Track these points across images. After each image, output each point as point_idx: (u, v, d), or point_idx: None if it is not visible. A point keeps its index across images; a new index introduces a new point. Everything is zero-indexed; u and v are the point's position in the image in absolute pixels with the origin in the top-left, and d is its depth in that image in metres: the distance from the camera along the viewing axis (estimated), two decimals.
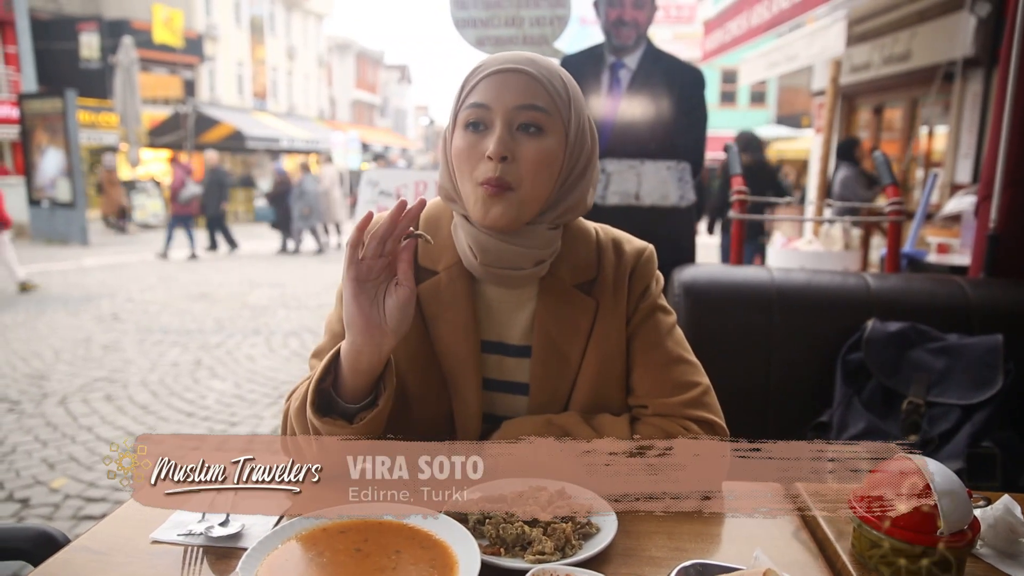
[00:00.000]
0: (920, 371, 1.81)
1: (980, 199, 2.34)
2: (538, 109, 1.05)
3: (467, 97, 1.07)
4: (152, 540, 0.93)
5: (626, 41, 2.95)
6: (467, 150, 1.06)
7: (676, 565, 0.82)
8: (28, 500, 3.12)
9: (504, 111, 1.04)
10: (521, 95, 1.04)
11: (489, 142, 1.04)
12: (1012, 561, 0.93)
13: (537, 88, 1.05)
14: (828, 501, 1.06)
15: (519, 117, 1.04)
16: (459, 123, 1.08)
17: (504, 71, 1.05)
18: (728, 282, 2.02)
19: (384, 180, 2.93)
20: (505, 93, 1.04)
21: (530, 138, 1.05)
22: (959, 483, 0.88)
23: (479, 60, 1.12)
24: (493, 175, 1.03)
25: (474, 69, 1.10)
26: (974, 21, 6.35)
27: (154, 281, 9.45)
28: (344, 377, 1.02)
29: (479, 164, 1.05)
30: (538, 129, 1.05)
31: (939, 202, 6.38)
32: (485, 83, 1.06)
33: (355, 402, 1.02)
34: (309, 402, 1.00)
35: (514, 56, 1.08)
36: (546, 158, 1.06)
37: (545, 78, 1.06)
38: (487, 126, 1.05)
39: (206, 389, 4.80)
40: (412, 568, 0.84)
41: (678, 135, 2.96)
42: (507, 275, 1.11)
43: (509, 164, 1.03)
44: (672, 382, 1.14)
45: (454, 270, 1.14)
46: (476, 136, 1.05)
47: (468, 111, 1.06)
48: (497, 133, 1.03)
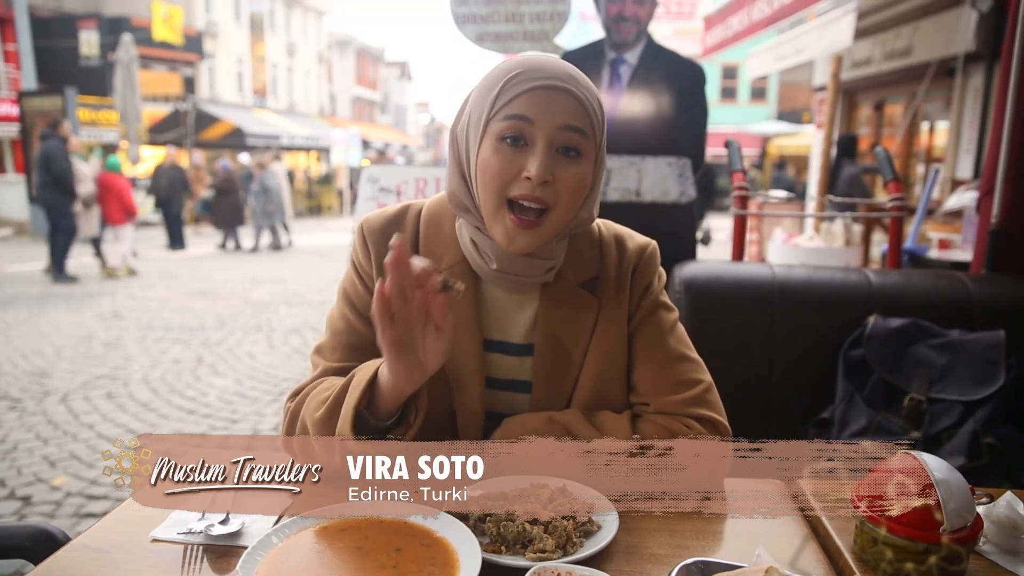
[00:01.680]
0: (922, 367, 1.81)
1: (982, 194, 2.33)
2: (580, 132, 1.02)
3: (505, 106, 1.01)
4: (152, 538, 0.93)
5: (627, 37, 2.94)
6: (502, 164, 1.01)
7: (678, 563, 0.81)
8: (29, 498, 3.12)
9: (549, 130, 1.00)
10: (567, 115, 1.01)
11: (528, 161, 1.00)
12: (1015, 558, 0.92)
13: (580, 111, 1.02)
14: (830, 498, 1.06)
15: (560, 138, 1.01)
16: (491, 132, 1.02)
17: (550, 88, 1.01)
18: (729, 278, 2.02)
19: (384, 177, 2.92)
20: (551, 111, 1.00)
21: (569, 161, 1.02)
22: (962, 480, 0.87)
23: (506, 61, 1.06)
24: (531, 195, 1.00)
25: (509, 71, 1.03)
26: (975, 16, 6.33)
27: (155, 278, 9.45)
28: (381, 400, 0.99)
29: (513, 181, 1.01)
30: (577, 153, 1.02)
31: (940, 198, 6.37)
32: (529, 97, 1.00)
33: (385, 420, 1.01)
34: (348, 426, 0.98)
35: (556, 70, 1.03)
36: (581, 182, 1.04)
37: (587, 99, 1.03)
38: (527, 142, 1.01)
39: (207, 386, 4.80)
40: (413, 566, 0.84)
41: (679, 131, 2.96)
42: (518, 281, 1.11)
43: (547, 186, 1.01)
44: (674, 380, 1.14)
45: (457, 269, 1.13)
46: (514, 151, 1.01)
47: (508, 123, 1.01)
48: (540, 155, 1.00)
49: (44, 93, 14.52)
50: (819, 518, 1.02)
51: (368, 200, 2.90)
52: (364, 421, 1.01)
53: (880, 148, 3.04)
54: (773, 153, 23.71)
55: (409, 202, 1.21)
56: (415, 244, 1.16)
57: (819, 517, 1.02)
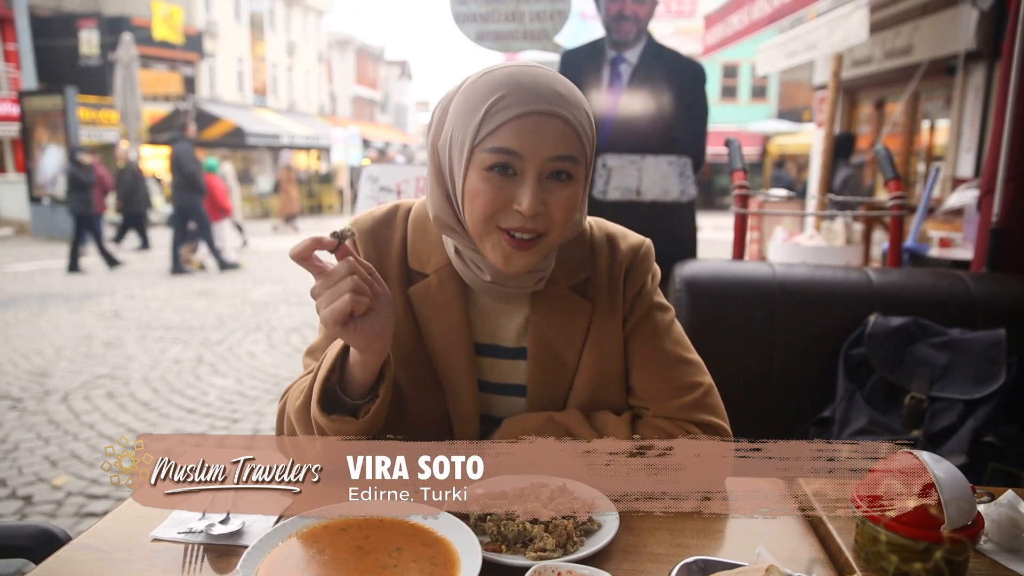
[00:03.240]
0: (923, 366, 1.81)
1: (982, 193, 2.33)
2: (571, 160, 0.98)
3: (490, 135, 0.96)
4: (153, 538, 0.92)
5: (627, 36, 2.94)
6: (492, 194, 0.97)
7: (678, 562, 0.81)
8: (31, 498, 3.12)
9: (538, 163, 0.96)
10: (557, 145, 0.96)
11: (518, 192, 0.97)
12: (1016, 557, 0.92)
13: (571, 136, 0.97)
14: (830, 498, 1.06)
15: (551, 167, 0.97)
16: (477, 162, 0.97)
17: (537, 114, 0.95)
18: (730, 277, 2.02)
19: (384, 176, 2.92)
20: (540, 143, 0.95)
21: (561, 186, 0.99)
22: (963, 479, 0.87)
23: (487, 76, 0.99)
24: (525, 227, 0.98)
25: (493, 94, 0.96)
26: (976, 14, 6.33)
27: (155, 278, 9.45)
28: (353, 377, 1.00)
29: (504, 211, 0.98)
30: (568, 177, 0.99)
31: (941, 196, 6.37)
32: (516, 127, 0.95)
33: (360, 398, 1.01)
34: (315, 400, 0.98)
35: (543, 90, 0.97)
36: (574, 203, 1.00)
37: (577, 121, 0.98)
38: (516, 172, 0.97)
39: (208, 386, 4.80)
40: (414, 565, 0.83)
41: (679, 130, 2.95)
42: (508, 291, 1.10)
43: (539, 216, 0.98)
44: (673, 385, 1.13)
45: (444, 272, 1.12)
46: (502, 180, 0.97)
47: (494, 155, 0.96)
48: (531, 188, 0.96)
49: (44, 93, 14.53)
50: (819, 517, 1.02)
51: (368, 199, 2.90)
52: (335, 398, 1.00)
53: (880, 147, 3.04)
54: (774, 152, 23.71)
55: (399, 202, 1.19)
56: (402, 245, 1.14)
57: (819, 516, 1.02)
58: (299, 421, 1.03)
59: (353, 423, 0.98)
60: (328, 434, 0.98)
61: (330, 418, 0.98)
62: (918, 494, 0.86)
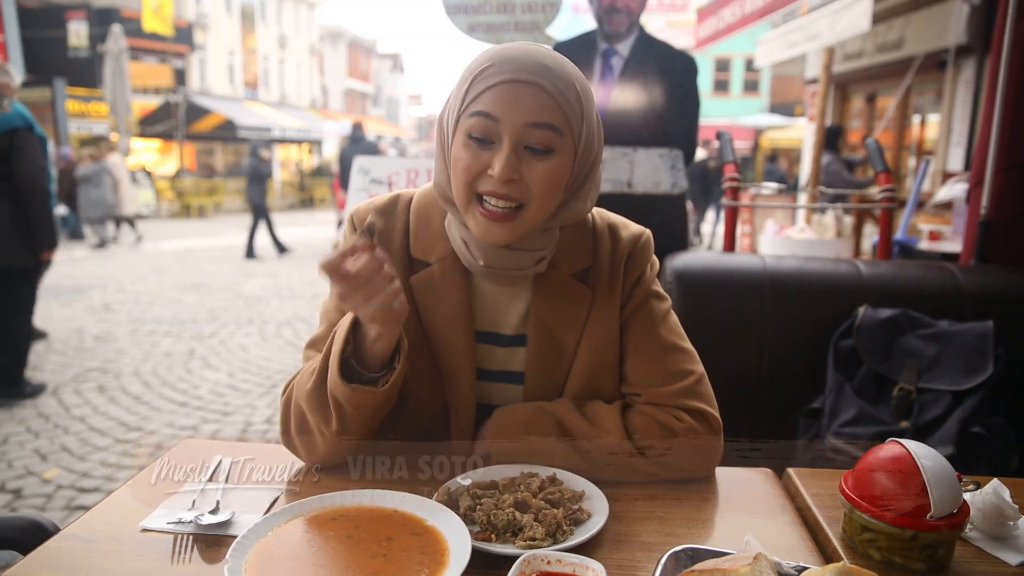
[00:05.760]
0: (911, 357, 1.82)
1: (971, 185, 2.34)
2: (550, 128, 0.97)
3: (472, 102, 0.98)
4: (142, 528, 0.92)
5: (618, 28, 2.94)
6: (469, 160, 0.99)
7: (668, 550, 0.82)
8: (20, 491, 3.11)
9: (513, 129, 0.97)
10: (533, 112, 0.96)
11: (494, 158, 0.98)
12: (1001, 544, 0.93)
13: (551, 105, 0.97)
14: (819, 486, 1.07)
15: (529, 136, 0.97)
16: (462, 128, 1.00)
17: (517, 81, 0.96)
18: (721, 269, 2.02)
19: (375, 168, 2.91)
20: (516, 108, 0.96)
21: (538, 159, 0.99)
22: (949, 468, 0.88)
23: (485, 51, 1.02)
24: (498, 191, 0.98)
25: (481, 65, 0.99)
26: (967, 9, 6.35)
27: (146, 272, 9.41)
28: (368, 352, 1.00)
29: (481, 177, 0.99)
30: (548, 150, 0.99)
31: (931, 190, 6.40)
32: (495, 92, 0.97)
33: (376, 371, 1.01)
34: (334, 371, 0.98)
35: (527, 62, 0.97)
36: (554, 178, 1.00)
37: (560, 92, 0.98)
38: (493, 139, 0.98)
39: (199, 379, 4.78)
40: (403, 554, 0.84)
41: (670, 123, 2.96)
42: (508, 274, 1.10)
43: (515, 184, 0.99)
44: (665, 371, 1.13)
45: (447, 262, 1.13)
46: (480, 148, 0.99)
47: (473, 120, 0.98)
48: (504, 154, 0.97)
49: (32, 84, 14.38)
50: (807, 506, 1.02)
51: (359, 191, 2.89)
52: (352, 371, 1.00)
53: (871, 140, 3.05)
54: (766, 146, 23.74)
55: (399, 191, 1.19)
56: (404, 234, 1.15)
57: (807, 505, 1.03)
58: (310, 403, 1.02)
59: (373, 392, 0.98)
60: (345, 408, 0.98)
61: (351, 387, 0.97)
62: (905, 483, 0.87)
